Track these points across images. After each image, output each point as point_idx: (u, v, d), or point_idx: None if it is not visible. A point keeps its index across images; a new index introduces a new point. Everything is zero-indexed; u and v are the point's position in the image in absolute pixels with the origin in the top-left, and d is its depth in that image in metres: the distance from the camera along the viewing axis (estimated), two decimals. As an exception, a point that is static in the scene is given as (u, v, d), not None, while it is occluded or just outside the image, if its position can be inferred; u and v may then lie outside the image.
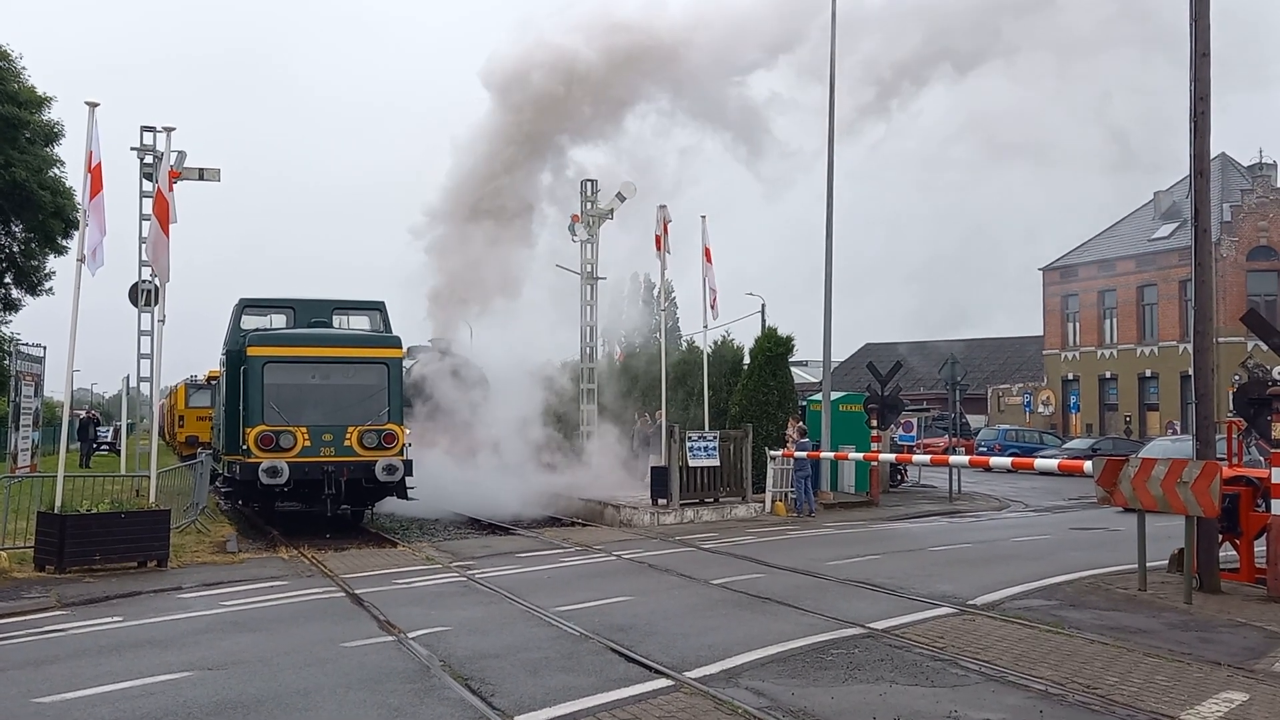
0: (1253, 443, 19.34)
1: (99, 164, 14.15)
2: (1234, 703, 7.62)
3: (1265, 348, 12.77)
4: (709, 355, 25.05)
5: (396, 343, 19.36)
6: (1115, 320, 54.47)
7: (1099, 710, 7.40)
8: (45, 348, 26.43)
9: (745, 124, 26.74)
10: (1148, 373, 52.38)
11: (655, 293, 23.47)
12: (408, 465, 18.19)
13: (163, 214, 15.47)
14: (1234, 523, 12.65)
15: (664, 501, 20.44)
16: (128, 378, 25.94)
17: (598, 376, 27.24)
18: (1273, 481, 11.64)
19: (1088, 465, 13.68)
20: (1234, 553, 13.08)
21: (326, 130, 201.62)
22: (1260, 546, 12.45)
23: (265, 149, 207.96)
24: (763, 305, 53.90)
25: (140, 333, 22.55)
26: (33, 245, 30.66)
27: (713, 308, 23.35)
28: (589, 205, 26.69)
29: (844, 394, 29.01)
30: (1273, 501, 11.69)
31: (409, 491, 18.62)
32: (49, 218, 29.05)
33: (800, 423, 24.16)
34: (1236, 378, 30.43)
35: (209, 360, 29.53)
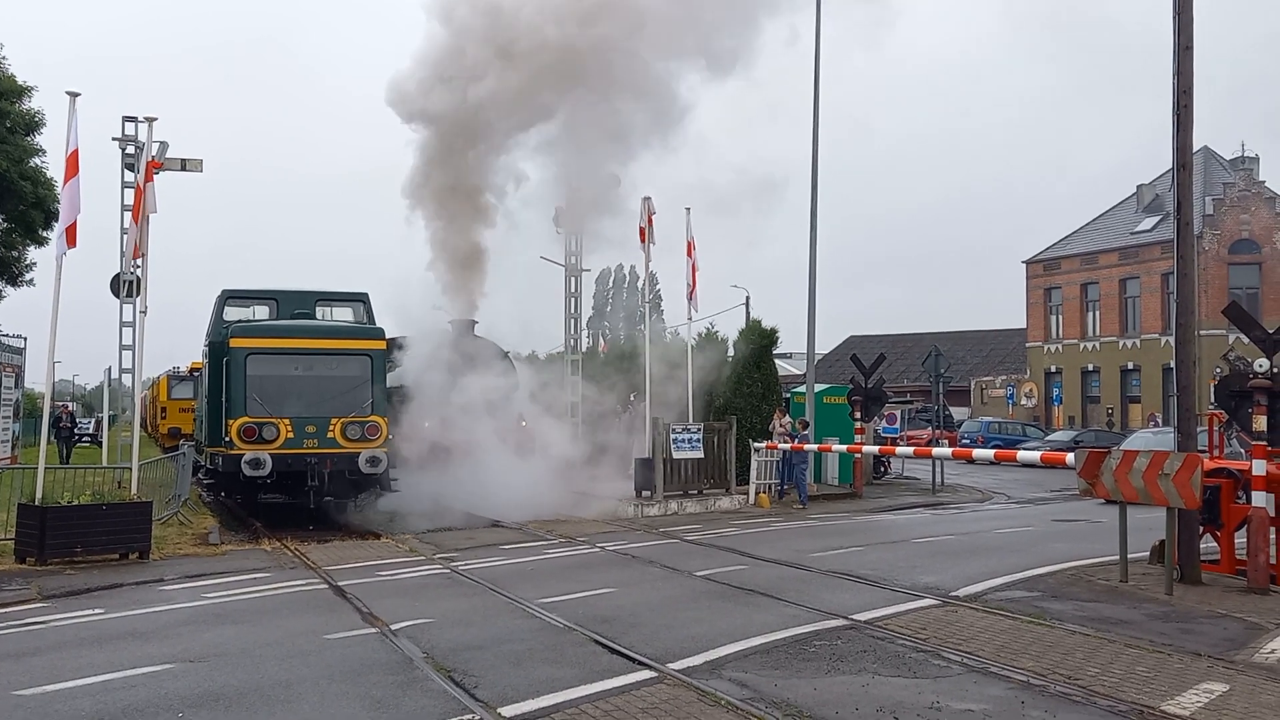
0: (1234, 435, 19.47)
1: (75, 150, 14.07)
2: (1214, 693, 7.66)
3: (1247, 340, 12.84)
4: (693, 347, 25.05)
5: (380, 334, 19.30)
6: (1098, 313, 54.72)
7: (1080, 701, 7.43)
8: (26, 339, 26.33)
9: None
10: (1130, 365, 52.64)
11: (640, 285, 23.32)
12: (391, 457, 18.16)
13: (137, 208, 15.46)
14: (1215, 514, 12.71)
15: (648, 493, 20.45)
16: (109, 369, 25.80)
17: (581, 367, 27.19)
18: (1253, 474, 11.71)
19: (1070, 457, 13.75)
20: (1215, 544, 13.16)
21: (334, 119, 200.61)
22: (1241, 538, 12.52)
23: (268, 138, 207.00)
24: (747, 297, 53.92)
25: (122, 324, 22.41)
26: (13, 236, 30.44)
27: (690, 299, 23.32)
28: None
29: (828, 386, 29.07)
30: (1253, 493, 11.76)
31: (393, 483, 18.58)
32: (29, 208, 28.85)
33: (787, 414, 24.24)
34: (1218, 370, 30.64)
35: (194, 352, 29.38)
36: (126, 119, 22.22)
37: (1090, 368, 54.92)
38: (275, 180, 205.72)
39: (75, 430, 38.46)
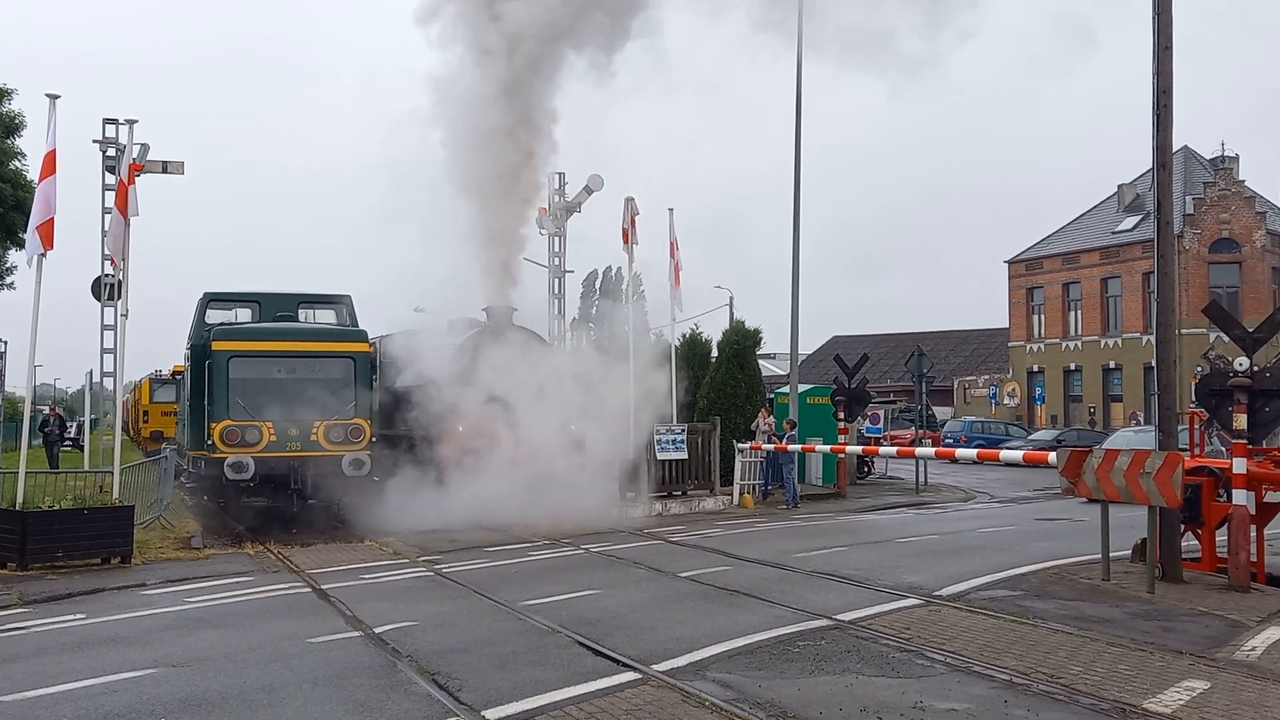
0: (1215, 433, 19.57)
1: (53, 150, 14.00)
2: (1195, 691, 7.71)
3: (1227, 339, 12.91)
4: (677, 348, 25.05)
5: (363, 336, 19.24)
6: (1080, 312, 54.95)
7: (1063, 700, 7.46)
8: (6, 342, 26.12)
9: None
10: (1111, 364, 52.86)
11: (624, 286, 23.31)
12: (374, 460, 18.10)
13: (122, 204, 15.40)
14: (1196, 513, 12.78)
15: (632, 495, 20.42)
16: (91, 372, 25.66)
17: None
18: (1234, 472, 11.78)
19: (1052, 456, 13.78)
20: (1196, 542, 13.23)
21: (331, 110, 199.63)
22: (1222, 536, 12.58)
23: (266, 134, 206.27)
24: (730, 298, 53.82)
25: (103, 327, 22.30)
26: (-7, 239, 30.23)
27: (673, 297, 23.20)
28: (557, 198, 26.61)
29: (811, 386, 29.14)
30: (1234, 492, 11.83)
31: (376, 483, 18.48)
32: (9, 210, 28.61)
33: (772, 414, 24.27)
34: (1199, 369, 30.76)
35: (178, 354, 29.25)
36: (107, 121, 22.11)
37: (1072, 367, 55.13)
38: (272, 177, 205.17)
39: (64, 434, 37.64)
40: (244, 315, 20.20)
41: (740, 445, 22.60)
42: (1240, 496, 11.79)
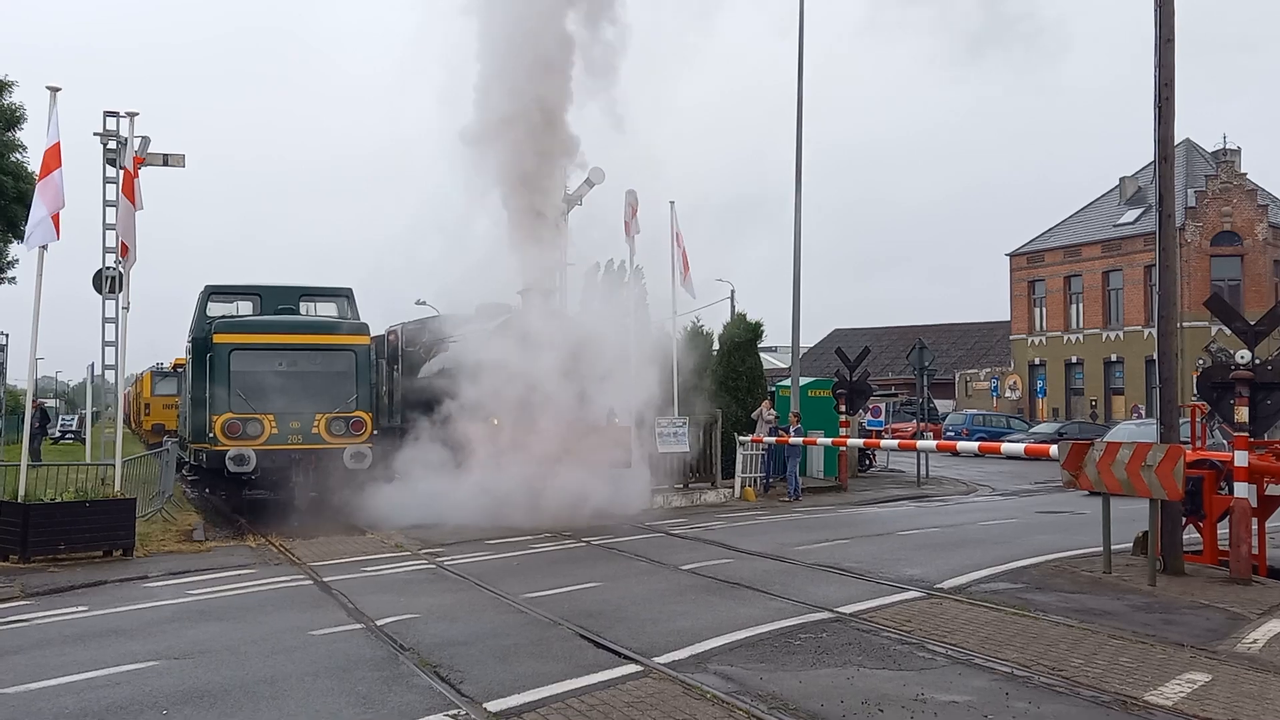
0: (1216, 426, 19.55)
1: (56, 143, 13.97)
2: (1197, 683, 7.71)
3: (1229, 332, 12.90)
4: (678, 341, 25.02)
5: (364, 329, 19.26)
6: (1081, 305, 54.94)
7: (1064, 692, 7.47)
8: (7, 335, 26.15)
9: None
10: (1113, 357, 52.85)
11: (626, 279, 23.29)
12: (375, 453, 18.12)
13: (129, 190, 15.44)
14: (1197, 505, 12.79)
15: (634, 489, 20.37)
16: (92, 365, 25.67)
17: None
18: (1236, 465, 11.78)
19: (1054, 449, 13.79)
20: (1197, 535, 13.23)
21: (338, 104, 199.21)
22: (1223, 529, 12.60)
23: (276, 130, 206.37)
24: (732, 291, 53.67)
25: (105, 320, 22.32)
26: (-6, 231, 30.28)
27: (684, 283, 23.07)
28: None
29: (813, 379, 29.12)
30: (1236, 484, 11.83)
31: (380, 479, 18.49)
32: (11, 203, 28.68)
33: (773, 407, 24.25)
34: (1200, 362, 30.79)
35: (180, 347, 29.20)
36: (108, 114, 22.10)
37: (1074, 360, 55.13)
38: (276, 173, 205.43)
39: (46, 427, 36.47)
40: (245, 308, 20.22)
41: (741, 438, 22.59)
42: (1242, 489, 11.80)
